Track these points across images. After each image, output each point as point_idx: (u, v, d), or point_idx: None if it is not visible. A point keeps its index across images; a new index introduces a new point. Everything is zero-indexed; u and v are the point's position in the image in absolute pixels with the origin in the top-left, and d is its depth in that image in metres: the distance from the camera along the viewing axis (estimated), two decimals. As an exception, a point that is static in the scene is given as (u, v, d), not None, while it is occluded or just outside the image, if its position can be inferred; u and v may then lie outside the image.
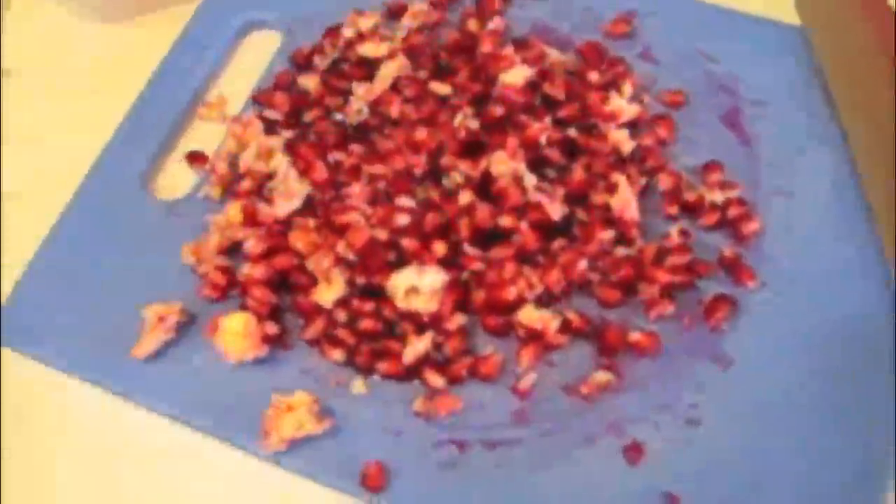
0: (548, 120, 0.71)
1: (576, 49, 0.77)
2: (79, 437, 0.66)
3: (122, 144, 0.75)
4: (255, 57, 0.79)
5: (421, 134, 0.70)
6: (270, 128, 0.74)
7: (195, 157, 0.74)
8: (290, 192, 0.69)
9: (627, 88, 0.74)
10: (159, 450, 0.65)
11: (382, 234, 0.66)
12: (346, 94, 0.74)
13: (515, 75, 0.71)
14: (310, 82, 0.76)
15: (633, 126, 0.73)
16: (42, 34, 0.84)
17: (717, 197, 0.69)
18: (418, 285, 0.64)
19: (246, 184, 0.71)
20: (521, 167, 0.68)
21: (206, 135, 0.76)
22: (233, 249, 0.69)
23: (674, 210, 0.70)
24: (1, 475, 0.65)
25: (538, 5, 0.80)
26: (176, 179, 0.75)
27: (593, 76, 0.74)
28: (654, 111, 0.74)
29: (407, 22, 0.78)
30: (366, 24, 0.77)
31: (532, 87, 0.72)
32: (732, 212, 0.69)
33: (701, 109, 0.74)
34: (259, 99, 0.76)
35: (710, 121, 0.74)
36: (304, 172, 0.70)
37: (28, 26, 0.85)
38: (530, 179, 0.67)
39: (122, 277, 0.69)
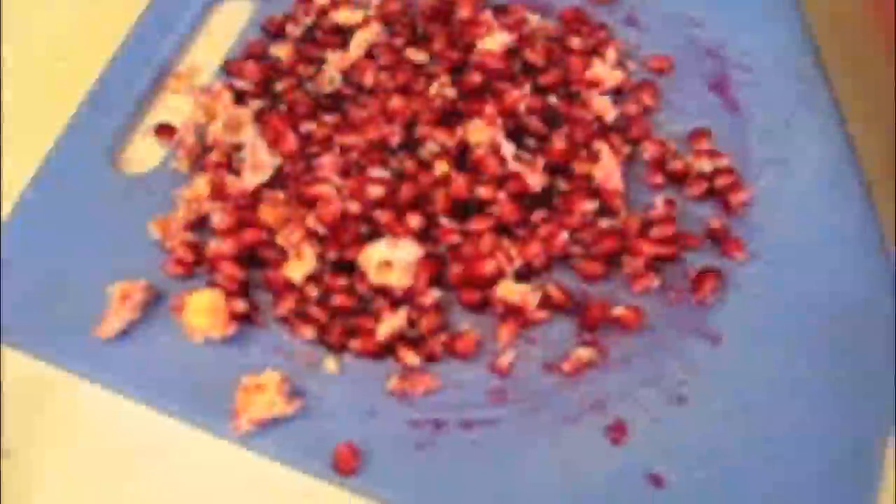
0: (528, 87, 0.68)
1: (557, 14, 0.74)
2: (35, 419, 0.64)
3: (87, 117, 0.72)
4: (227, 26, 0.77)
5: (395, 103, 0.68)
6: (240, 98, 0.71)
7: (164, 130, 0.72)
8: (258, 164, 0.66)
9: (611, 54, 0.71)
10: (122, 431, 0.63)
11: (354, 207, 0.64)
12: (320, 62, 0.72)
13: (494, 41, 0.69)
14: (282, 51, 0.73)
15: (617, 93, 0.70)
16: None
17: (705, 166, 0.67)
18: (391, 259, 0.62)
19: (214, 156, 0.68)
20: (500, 136, 0.65)
21: (176, 107, 0.74)
22: (201, 224, 0.67)
23: (659, 180, 0.67)
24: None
25: (519, -31, 0.77)
26: (145, 153, 0.72)
27: (575, 42, 0.72)
28: (638, 77, 0.72)
29: (383, -12, 0.75)
30: (340, -10, 0.75)
31: (512, 53, 0.70)
32: (720, 181, 0.66)
33: (687, 75, 0.72)
34: (229, 68, 0.73)
35: (696, 87, 0.72)
36: (274, 143, 0.67)
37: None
38: (509, 148, 0.65)
39: (88, 254, 0.67)
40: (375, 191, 0.64)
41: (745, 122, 0.70)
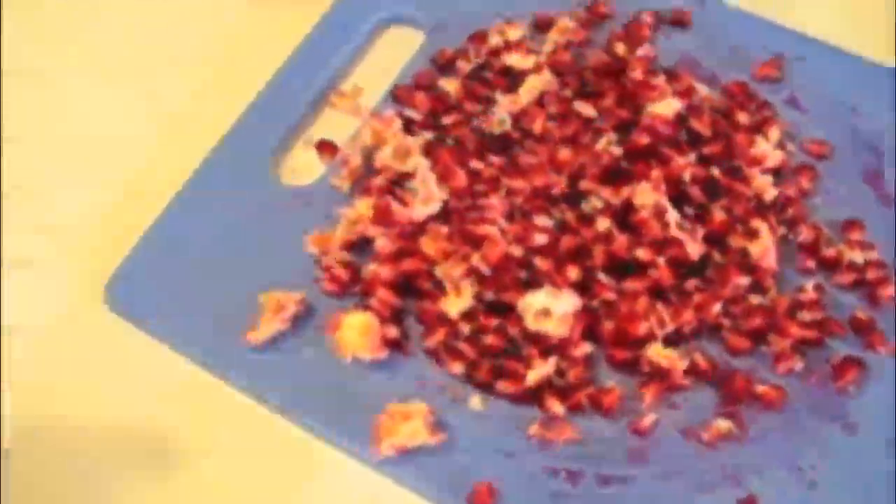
0: (692, 156, 0.69)
1: (722, 87, 0.75)
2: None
3: (253, 124, 0.74)
4: (394, 52, 0.78)
5: (563, 154, 0.69)
6: (407, 127, 0.73)
7: (325, 146, 0.73)
8: (428, 196, 0.67)
9: (774, 133, 0.72)
10: (258, 442, 0.64)
11: (517, 251, 0.65)
12: (487, 101, 0.73)
13: (666, 107, 0.70)
14: (450, 85, 0.74)
15: (776, 173, 0.71)
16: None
17: (857, 257, 0.68)
18: (551, 308, 0.63)
19: (378, 180, 0.70)
20: (664, 201, 0.66)
21: (334, 124, 0.75)
22: (357, 245, 0.68)
23: (811, 264, 0.68)
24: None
25: (685, 37, 0.79)
26: (300, 166, 0.73)
27: (741, 117, 0.73)
28: (796, 160, 0.73)
29: (553, 37, 0.77)
30: (513, 34, 0.76)
31: (679, 120, 0.71)
32: (871, 274, 0.67)
33: (843, 163, 0.73)
34: (398, 95, 0.75)
35: (851, 176, 0.72)
36: (443, 178, 0.69)
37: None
38: (673, 215, 0.66)
39: (240, 260, 0.68)
40: (540, 238, 0.66)
41: (896, 216, 0.71)
